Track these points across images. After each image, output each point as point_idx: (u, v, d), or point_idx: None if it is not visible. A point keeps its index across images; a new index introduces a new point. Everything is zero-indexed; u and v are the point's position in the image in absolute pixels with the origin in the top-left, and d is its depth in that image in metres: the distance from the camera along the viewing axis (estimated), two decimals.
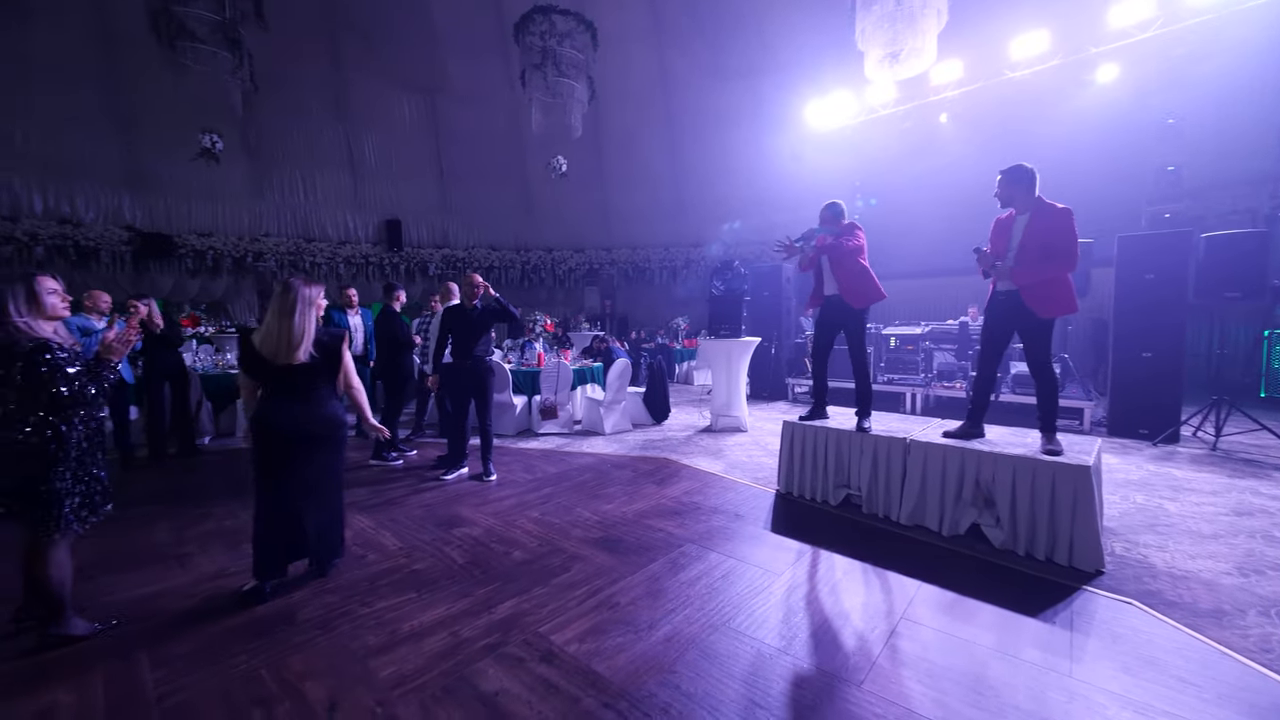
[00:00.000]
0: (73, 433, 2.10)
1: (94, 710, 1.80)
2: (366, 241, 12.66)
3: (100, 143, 10.94)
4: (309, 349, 2.50)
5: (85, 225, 10.71)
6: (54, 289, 2.15)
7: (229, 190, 11.70)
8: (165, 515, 3.54)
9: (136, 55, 10.69)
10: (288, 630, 2.24)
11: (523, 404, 5.78)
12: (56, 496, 2.05)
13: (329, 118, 12.40)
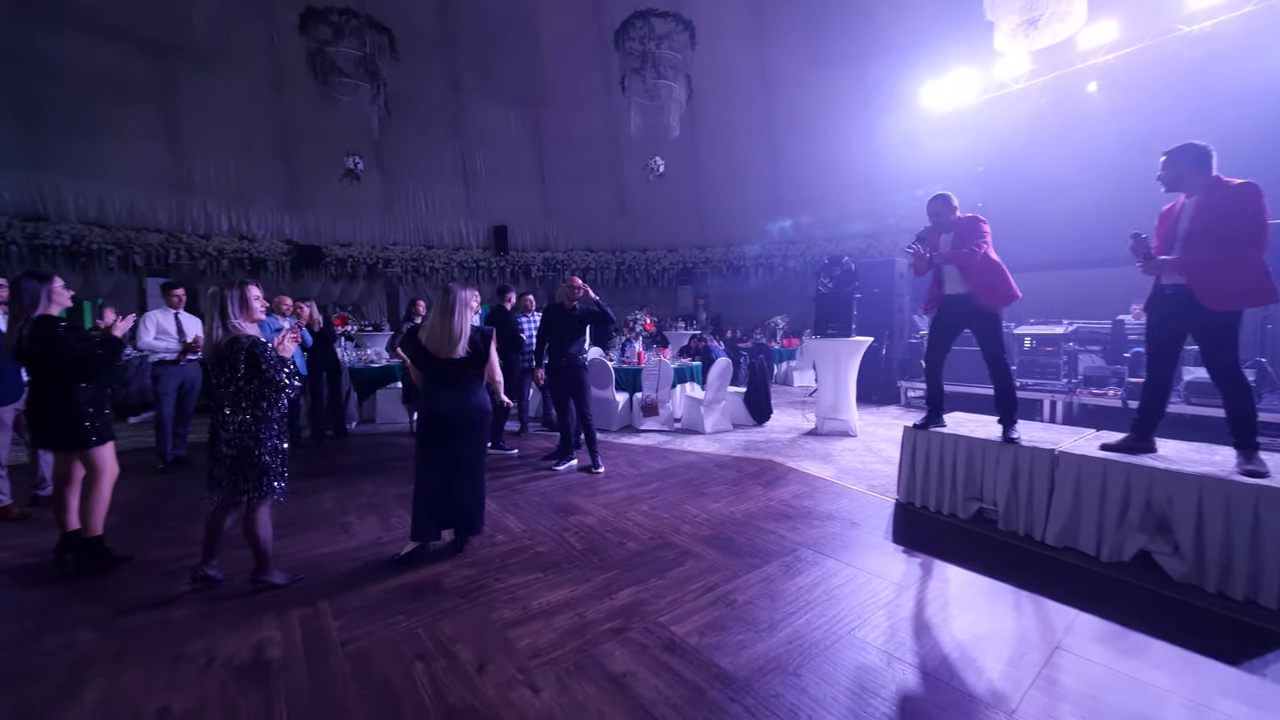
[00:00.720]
0: (273, 413, 2.51)
1: (295, 646, 2.14)
2: (477, 247, 13.69)
3: (269, 171, 12.84)
4: (465, 345, 2.79)
5: (257, 240, 12.62)
6: (258, 295, 2.58)
7: (364, 206, 13.20)
8: (330, 487, 4.10)
9: (296, 94, 12.41)
10: (436, 597, 2.50)
11: (624, 400, 5.95)
12: (264, 467, 2.46)
13: (447, 136, 13.57)
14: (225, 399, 2.44)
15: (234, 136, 12.47)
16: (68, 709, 1.80)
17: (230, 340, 2.41)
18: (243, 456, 2.43)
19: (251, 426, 2.44)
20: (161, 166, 11.96)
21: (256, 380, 2.42)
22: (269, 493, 2.49)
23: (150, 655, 2.08)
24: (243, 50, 12.30)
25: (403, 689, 1.89)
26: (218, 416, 2.47)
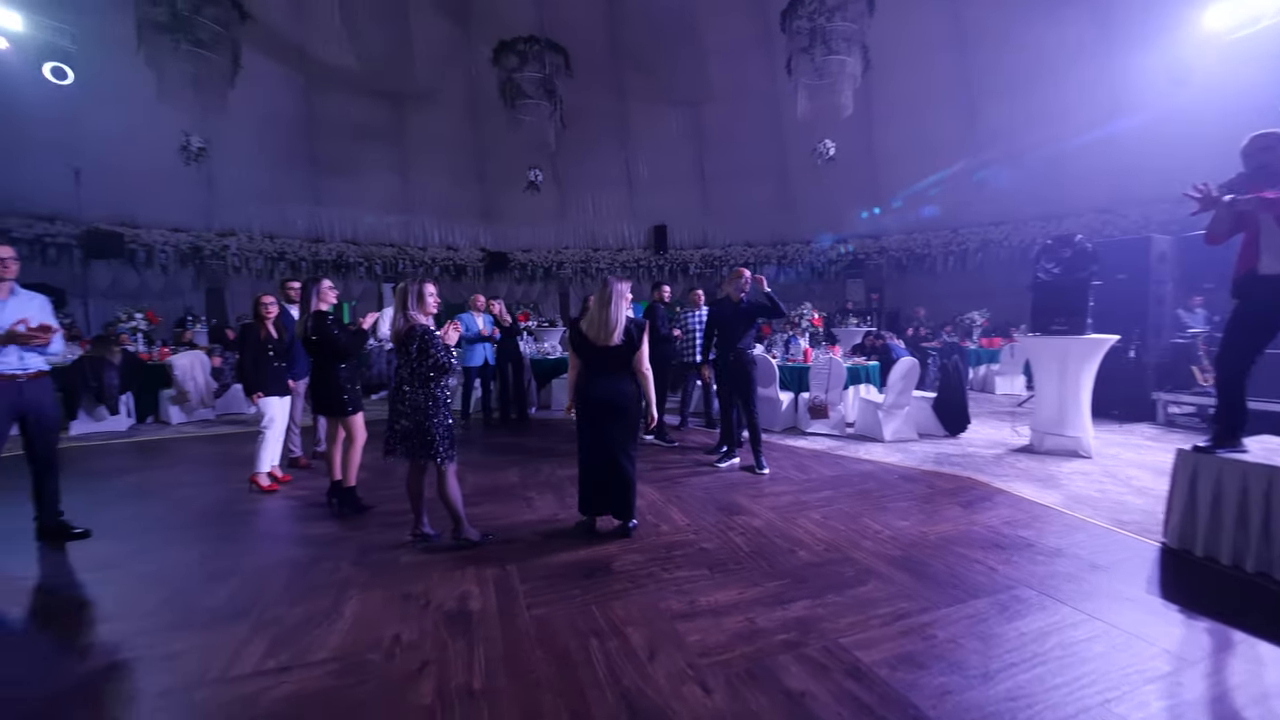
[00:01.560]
0: (441, 391, 2.88)
1: (490, 602, 2.38)
2: (638, 247, 14.28)
3: (468, 190, 14.96)
4: (621, 334, 2.90)
5: (459, 250, 14.81)
6: (433, 292, 2.98)
7: (542, 215, 14.65)
8: (514, 464, 4.58)
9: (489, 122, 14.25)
10: (607, 578, 2.59)
11: (789, 400, 5.62)
12: (436, 436, 2.82)
13: (613, 143, 14.37)
14: (404, 378, 2.86)
15: (443, 163, 14.80)
16: (335, 621, 2.24)
17: (408, 328, 2.83)
18: (416, 428, 2.81)
19: (424, 402, 2.82)
20: (394, 193, 14.70)
21: (427, 362, 2.81)
22: (442, 459, 2.82)
23: (387, 589, 2.50)
24: (450, 89, 14.50)
25: (580, 662, 1.97)
26: (397, 393, 2.89)
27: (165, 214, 12.41)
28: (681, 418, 5.86)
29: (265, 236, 13.34)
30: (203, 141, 11.25)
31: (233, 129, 12.01)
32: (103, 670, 1.96)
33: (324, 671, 1.93)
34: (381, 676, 1.90)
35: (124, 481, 4.26)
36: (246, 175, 13.13)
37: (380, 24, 12.77)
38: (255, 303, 4.06)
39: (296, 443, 4.56)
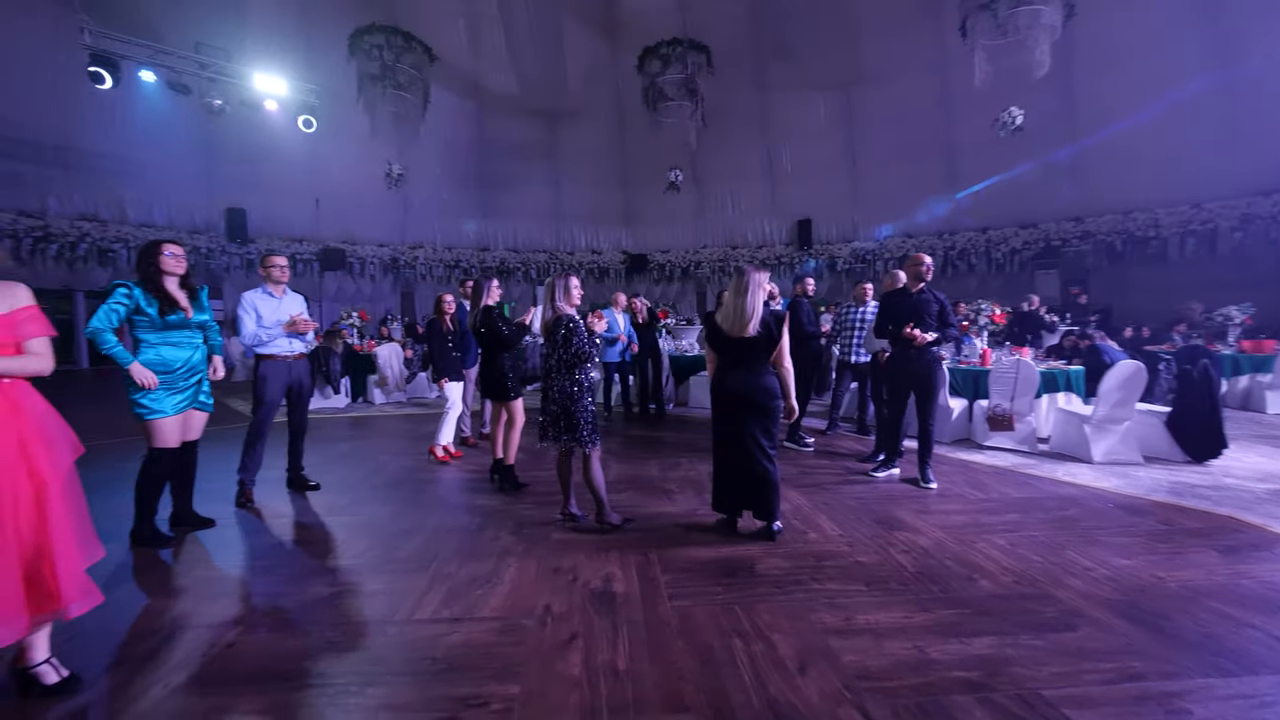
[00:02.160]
0: (586, 378, 2.98)
1: (632, 585, 2.41)
2: (780, 243, 13.72)
3: (611, 196, 15.71)
4: (757, 325, 2.75)
5: (603, 253, 15.62)
6: (578, 285, 3.12)
7: (680, 216, 14.82)
8: (653, 457, 4.64)
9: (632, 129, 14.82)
10: (750, 580, 2.47)
11: (961, 409, 4.90)
12: (580, 422, 2.93)
13: (754, 137, 14.00)
14: (552, 366, 3.01)
15: (590, 172, 15.73)
16: (496, 584, 2.44)
17: (555, 318, 2.99)
18: (563, 413, 2.95)
19: (569, 388, 2.94)
20: (548, 203, 16.02)
21: (570, 349, 2.93)
22: (587, 444, 2.93)
23: (540, 561, 2.67)
24: (597, 102, 15.36)
25: (724, 661, 1.89)
26: (547, 380, 3.05)
27: (373, 232, 15.02)
28: (830, 421, 5.44)
29: (445, 247, 15.44)
30: (401, 169, 13.37)
31: (422, 156, 14.14)
32: (330, 595, 2.38)
33: (487, 628, 2.11)
34: (535, 641, 2.02)
35: (341, 448, 5.19)
36: (432, 195, 15.35)
37: (539, 48, 13.98)
38: (437, 301, 4.67)
39: (467, 424, 5.15)
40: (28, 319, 1.73)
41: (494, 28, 14.41)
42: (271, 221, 13.83)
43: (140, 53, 10.21)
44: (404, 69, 11.88)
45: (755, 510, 2.91)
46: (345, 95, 11.96)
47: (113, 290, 2.74)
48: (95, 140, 11.96)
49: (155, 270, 2.82)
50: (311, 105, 11.69)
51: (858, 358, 5.09)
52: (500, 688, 1.76)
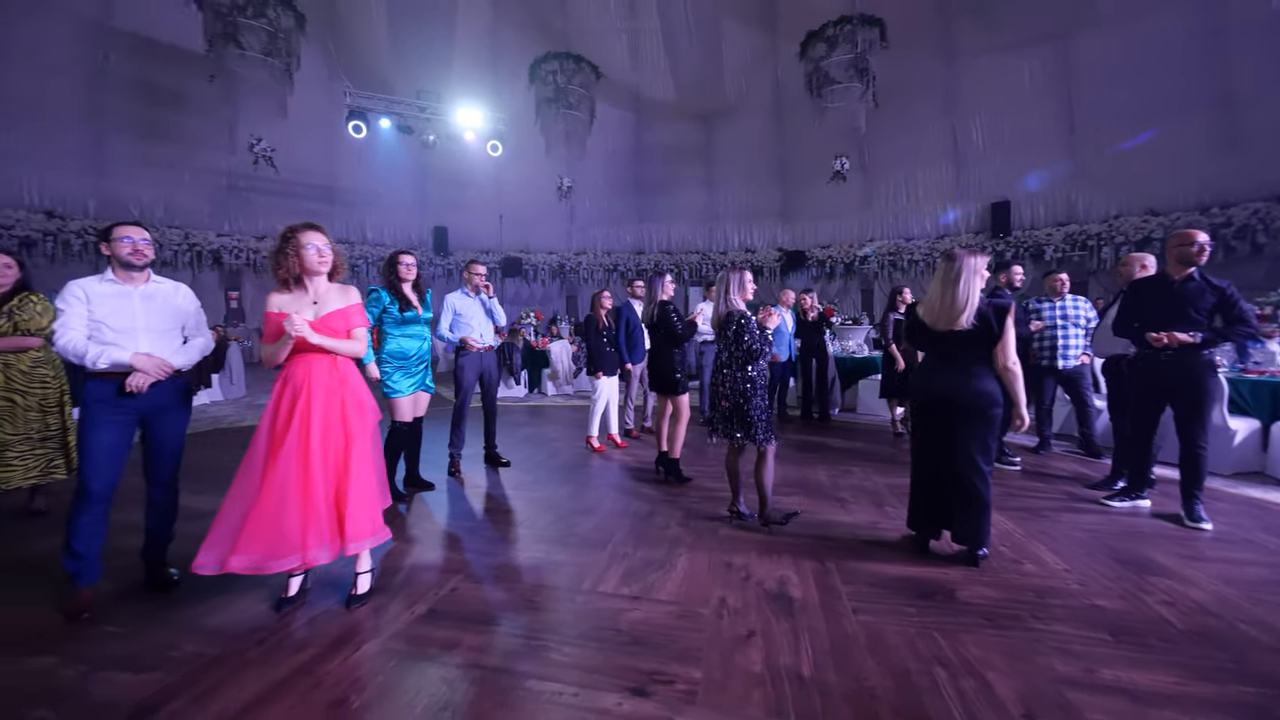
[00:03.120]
0: (759, 374, 2.90)
1: (810, 591, 2.29)
2: (967, 231, 12.00)
3: (767, 192, 15.24)
4: (971, 317, 2.40)
5: (756, 251, 15.25)
6: (750, 279, 3.06)
7: (844, 207, 13.78)
8: (819, 463, 4.38)
9: (791, 120, 14.20)
10: (951, 606, 2.18)
11: (1249, 432, 3.75)
12: (754, 419, 2.85)
13: (934, 113, 12.44)
14: (724, 361, 2.98)
15: (744, 169, 15.46)
16: (669, 570, 2.52)
17: (728, 313, 2.95)
18: (735, 409, 2.90)
19: (742, 384, 2.89)
20: (701, 204, 16.14)
21: (742, 345, 2.86)
22: (761, 441, 2.85)
23: (711, 553, 2.68)
24: (753, 97, 15.02)
25: (925, 689, 1.69)
26: (718, 374, 3.02)
27: (544, 241, 16.64)
28: (1041, 439, 4.57)
29: (604, 252, 16.47)
30: (570, 181, 14.61)
31: (586, 169, 15.26)
32: (525, 560, 2.68)
33: (665, 611, 2.17)
34: (713, 631, 2.02)
35: (523, 431, 5.81)
36: (594, 204, 16.50)
37: (697, 51, 14.13)
38: (594, 298, 4.97)
39: (631, 416, 5.41)
40: (356, 312, 2.24)
41: (654, 39, 14.96)
42: (466, 236, 16.15)
43: (380, 104, 12.70)
44: (574, 89, 12.97)
45: (957, 531, 2.56)
46: (525, 119, 13.46)
47: (368, 294, 3.42)
48: (349, 179, 15.20)
49: (396, 277, 3.49)
50: (499, 132, 13.36)
51: (1064, 362, 4.21)
52: (683, 669, 1.80)
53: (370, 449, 2.22)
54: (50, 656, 1.90)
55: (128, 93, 12.07)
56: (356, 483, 2.10)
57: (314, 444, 2.06)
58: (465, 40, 14.70)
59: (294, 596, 2.22)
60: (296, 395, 2.09)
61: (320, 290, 2.21)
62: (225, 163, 13.52)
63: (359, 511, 2.11)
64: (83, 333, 2.12)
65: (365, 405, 2.23)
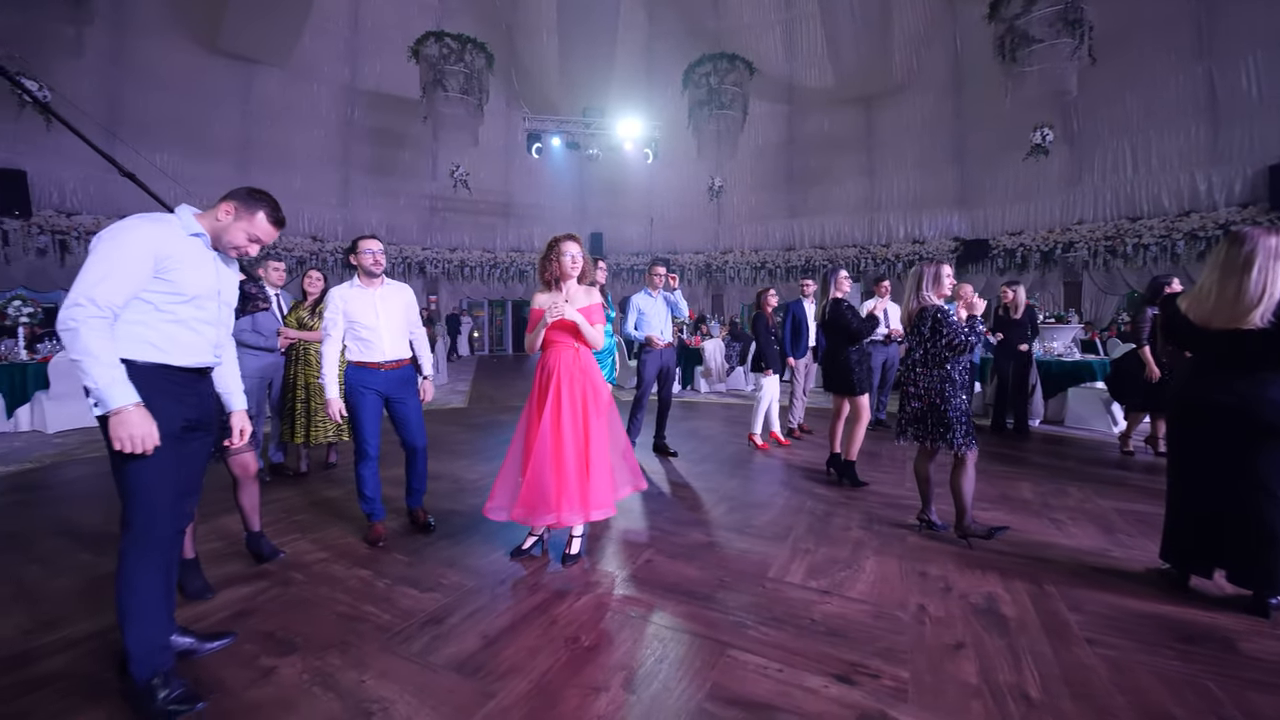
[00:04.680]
0: (958, 373, 2.68)
1: (1028, 614, 2.09)
2: (1227, 205, 9.48)
3: (940, 176, 13.68)
4: (1268, 314, 1.95)
5: (926, 241, 13.78)
6: (949, 274, 2.83)
7: (1041, 187, 11.79)
8: (1022, 478, 3.89)
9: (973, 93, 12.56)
10: (1230, 658, 1.83)
11: None
12: (953, 422, 2.65)
13: (1180, 61, 10.02)
14: (916, 360, 2.80)
15: (913, 154, 14.06)
16: (857, 572, 2.48)
17: (920, 309, 2.77)
18: (929, 410, 2.71)
19: (937, 384, 2.69)
20: (860, 195, 15.06)
21: (941, 341, 2.66)
22: (959, 445, 2.63)
23: (902, 561, 2.58)
24: (925, 74, 13.56)
25: None
26: (908, 375, 2.84)
27: (691, 241, 16.95)
28: None
29: (752, 250, 16.24)
30: (721, 181, 14.69)
31: (736, 167, 15.18)
32: (708, 543, 2.84)
33: (859, 609, 2.16)
34: (915, 635, 1.96)
35: (682, 426, 6.04)
36: (742, 202, 16.36)
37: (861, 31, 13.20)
38: (760, 295, 4.95)
39: (798, 414, 5.33)
40: (595, 310, 2.59)
41: (811, 25, 14.34)
42: (619, 241, 17.14)
43: (551, 125, 14.09)
44: (727, 89, 13.01)
45: (1237, 571, 2.11)
46: (678, 125, 13.85)
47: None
48: (522, 194, 17.12)
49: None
50: (654, 139, 13.95)
51: None
52: (888, 666, 1.79)
53: (607, 429, 2.55)
54: (366, 570, 2.53)
55: (365, 138, 15.05)
56: (596, 458, 2.46)
57: (564, 421, 2.46)
58: (624, 56, 15.58)
59: (527, 549, 2.66)
60: (549, 379, 2.51)
61: (571, 291, 2.58)
62: (429, 188, 16.14)
63: (599, 484, 2.46)
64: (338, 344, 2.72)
65: (601, 390, 2.58)
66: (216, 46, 12.26)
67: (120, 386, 1.46)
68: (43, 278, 10.58)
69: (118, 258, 1.49)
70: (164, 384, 1.60)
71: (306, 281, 4.11)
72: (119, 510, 1.62)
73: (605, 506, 2.47)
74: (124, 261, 1.50)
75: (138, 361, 1.54)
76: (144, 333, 1.56)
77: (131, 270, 1.51)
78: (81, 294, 1.44)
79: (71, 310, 1.43)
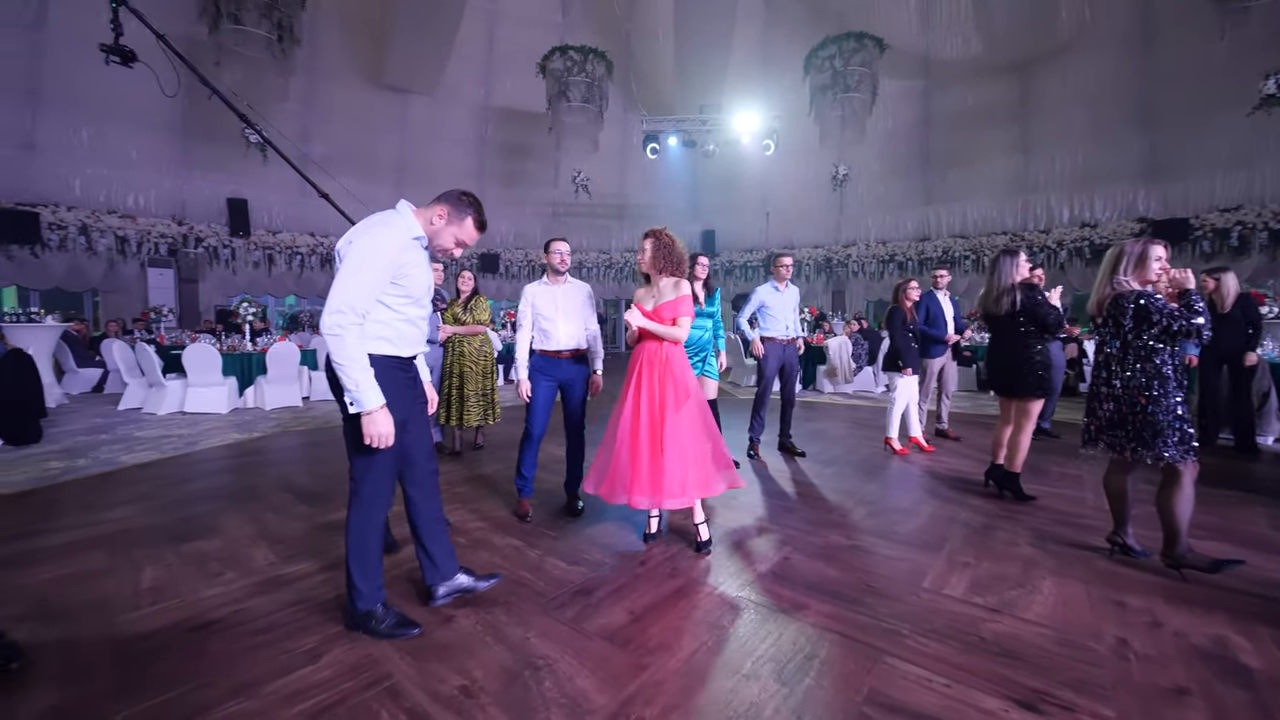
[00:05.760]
0: (1168, 369, 2.25)
1: (1274, 665, 1.70)
2: None
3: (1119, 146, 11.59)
4: None
5: (1098, 225, 11.79)
6: (1162, 257, 2.35)
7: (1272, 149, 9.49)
8: (1250, 505, 3.19)
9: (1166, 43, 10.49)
10: None
11: None
12: (1163, 427, 2.21)
13: None
14: (1110, 356, 2.40)
15: (1081, 124, 12.10)
16: (1031, 593, 2.20)
17: (1114, 296, 2.36)
18: (1125, 413, 2.31)
19: (1141, 381, 2.28)
20: (1010, 174, 13.29)
21: (1150, 330, 2.26)
22: (1175, 457, 2.20)
23: (1089, 586, 2.24)
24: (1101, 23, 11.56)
25: None
26: (1099, 374, 2.45)
27: (809, 235, 16.18)
28: None
29: (879, 242, 15.09)
30: (846, 169, 13.86)
31: (862, 154, 14.19)
32: (848, 546, 2.70)
33: (1036, 632, 1.92)
34: (1118, 671, 1.70)
35: (807, 426, 5.77)
36: (868, 190, 15.24)
37: None
38: (899, 287, 4.56)
39: (944, 416, 4.88)
40: (681, 303, 2.62)
41: None
42: (732, 237, 16.89)
43: (668, 125, 14.28)
44: (853, 70, 12.21)
45: None
46: (797, 113, 13.28)
47: None
48: (636, 195, 17.58)
49: (691, 275, 3.88)
50: (773, 130, 13.51)
51: None
52: (1084, 701, 1.57)
53: (688, 423, 2.53)
54: (519, 540, 2.78)
55: (497, 152, 16.43)
56: (670, 448, 2.47)
57: (640, 411, 2.54)
58: (741, 48, 15.31)
59: (655, 534, 2.74)
60: (632, 371, 2.63)
61: (660, 286, 2.63)
62: (551, 195, 17.19)
63: (673, 473, 2.47)
64: (527, 333, 3.01)
65: (681, 384, 2.56)
66: (381, 82, 14.17)
67: (373, 391, 1.70)
68: (258, 285, 13.02)
69: (369, 268, 1.70)
70: (395, 374, 1.86)
71: (460, 281, 4.59)
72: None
73: (679, 496, 2.47)
74: (373, 271, 1.71)
75: (375, 355, 1.79)
76: (380, 330, 1.82)
77: (379, 279, 1.73)
78: (343, 302, 1.66)
79: (336, 317, 1.65)
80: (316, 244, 13.79)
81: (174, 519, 3.06)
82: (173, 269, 11.96)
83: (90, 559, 2.54)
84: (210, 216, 12.44)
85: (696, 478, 2.51)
